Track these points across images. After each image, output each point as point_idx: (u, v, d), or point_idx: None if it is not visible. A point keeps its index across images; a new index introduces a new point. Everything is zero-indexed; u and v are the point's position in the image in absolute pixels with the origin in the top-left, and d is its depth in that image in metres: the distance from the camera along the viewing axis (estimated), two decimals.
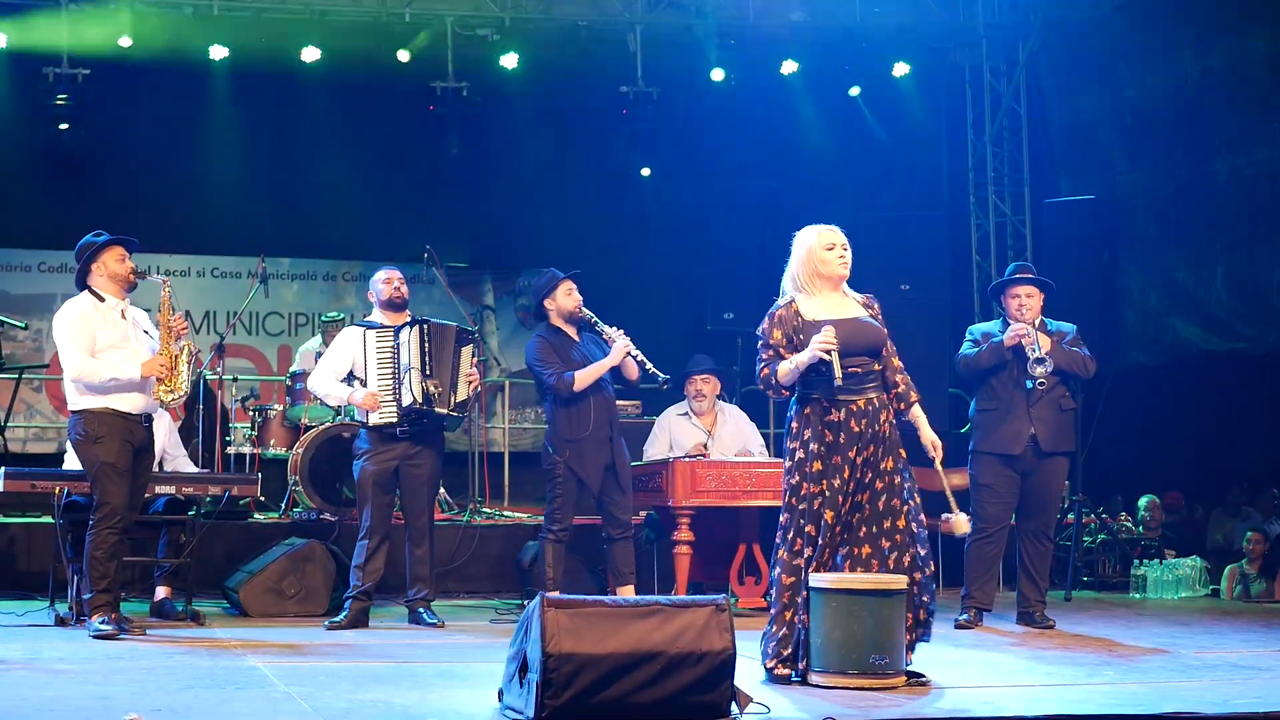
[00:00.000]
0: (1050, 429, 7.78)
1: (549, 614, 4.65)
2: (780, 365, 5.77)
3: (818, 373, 5.71)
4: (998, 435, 7.81)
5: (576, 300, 7.89)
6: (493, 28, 12.13)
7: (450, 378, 7.72)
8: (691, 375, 8.82)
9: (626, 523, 7.92)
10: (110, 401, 6.86)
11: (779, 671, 5.67)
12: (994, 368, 7.82)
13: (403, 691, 5.26)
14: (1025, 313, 7.79)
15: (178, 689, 5.27)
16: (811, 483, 5.73)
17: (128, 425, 6.88)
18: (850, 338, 5.74)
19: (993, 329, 7.95)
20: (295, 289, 13.07)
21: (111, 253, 6.99)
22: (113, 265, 6.98)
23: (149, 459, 7.14)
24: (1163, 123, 11.35)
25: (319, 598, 8.07)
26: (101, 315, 6.94)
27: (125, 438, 6.87)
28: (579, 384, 7.72)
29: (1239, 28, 10.69)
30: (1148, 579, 9.81)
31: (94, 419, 6.84)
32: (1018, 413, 7.77)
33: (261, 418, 10.33)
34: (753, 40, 12.43)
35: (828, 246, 5.84)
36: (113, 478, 6.82)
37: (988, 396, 7.89)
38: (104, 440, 6.82)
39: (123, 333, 6.95)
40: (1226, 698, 5.39)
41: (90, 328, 6.89)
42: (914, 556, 5.78)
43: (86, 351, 6.85)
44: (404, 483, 7.69)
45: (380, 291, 7.89)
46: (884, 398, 5.83)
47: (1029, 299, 7.84)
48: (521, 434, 12.90)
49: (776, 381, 5.81)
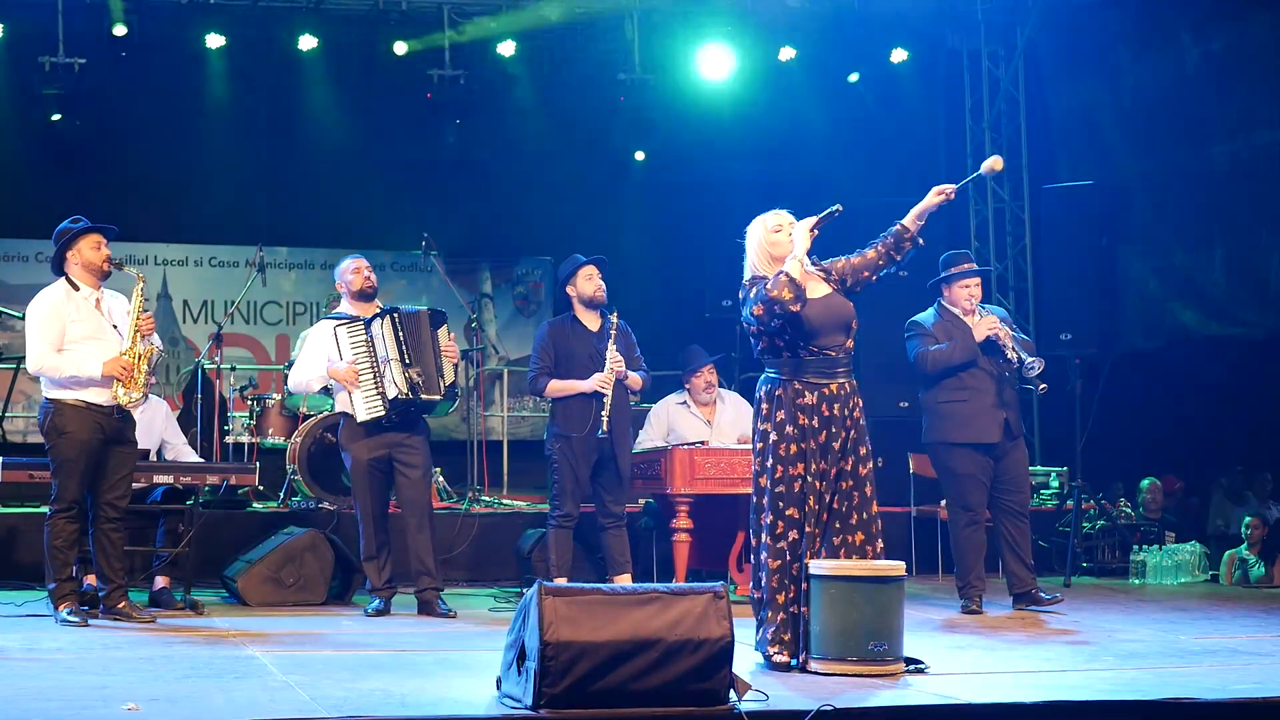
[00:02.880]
0: (1017, 414, 8.05)
1: (547, 602, 4.65)
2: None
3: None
4: (974, 425, 7.88)
5: (597, 285, 7.88)
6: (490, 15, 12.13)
7: (434, 363, 7.65)
8: (699, 369, 8.79)
9: (619, 514, 7.94)
10: (81, 394, 6.79)
11: (778, 658, 5.67)
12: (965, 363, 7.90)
13: (401, 680, 5.26)
14: (973, 301, 7.98)
15: (176, 678, 5.26)
16: (787, 465, 5.76)
17: (96, 418, 6.80)
18: (823, 321, 5.80)
19: (927, 319, 8.04)
20: (293, 278, 13.05)
21: (87, 240, 6.87)
22: (88, 253, 6.86)
23: (127, 449, 6.99)
24: (1162, 108, 11.32)
25: (317, 587, 8.06)
26: (75, 305, 6.84)
27: (93, 432, 6.79)
28: (549, 393, 7.86)
29: (1238, 12, 10.66)
30: (1147, 564, 9.81)
31: (63, 411, 6.78)
32: (993, 402, 7.88)
33: (260, 407, 10.32)
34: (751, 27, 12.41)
35: (775, 229, 5.91)
36: (72, 471, 6.77)
37: (955, 387, 7.93)
38: (68, 434, 6.77)
39: (95, 324, 6.84)
40: (1226, 683, 5.40)
41: (60, 320, 6.79)
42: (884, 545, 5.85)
43: (52, 346, 6.76)
44: (399, 471, 7.64)
45: (350, 282, 7.75)
46: (854, 383, 5.89)
47: (976, 287, 8.06)
48: (520, 422, 12.89)
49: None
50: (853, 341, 5.92)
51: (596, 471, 7.87)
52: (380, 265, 12.58)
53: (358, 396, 7.56)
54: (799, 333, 5.79)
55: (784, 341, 5.83)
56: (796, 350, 5.81)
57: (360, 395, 7.56)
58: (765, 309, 5.73)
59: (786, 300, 5.69)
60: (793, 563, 5.72)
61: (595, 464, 7.84)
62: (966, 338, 7.90)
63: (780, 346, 5.84)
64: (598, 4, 12.10)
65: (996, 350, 7.89)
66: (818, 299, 5.84)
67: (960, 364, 7.89)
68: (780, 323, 5.76)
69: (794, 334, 5.80)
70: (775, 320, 5.75)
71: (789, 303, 5.70)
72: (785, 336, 5.82)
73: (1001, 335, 7.85)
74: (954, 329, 7.93)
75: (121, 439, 6.95)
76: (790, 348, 5.82)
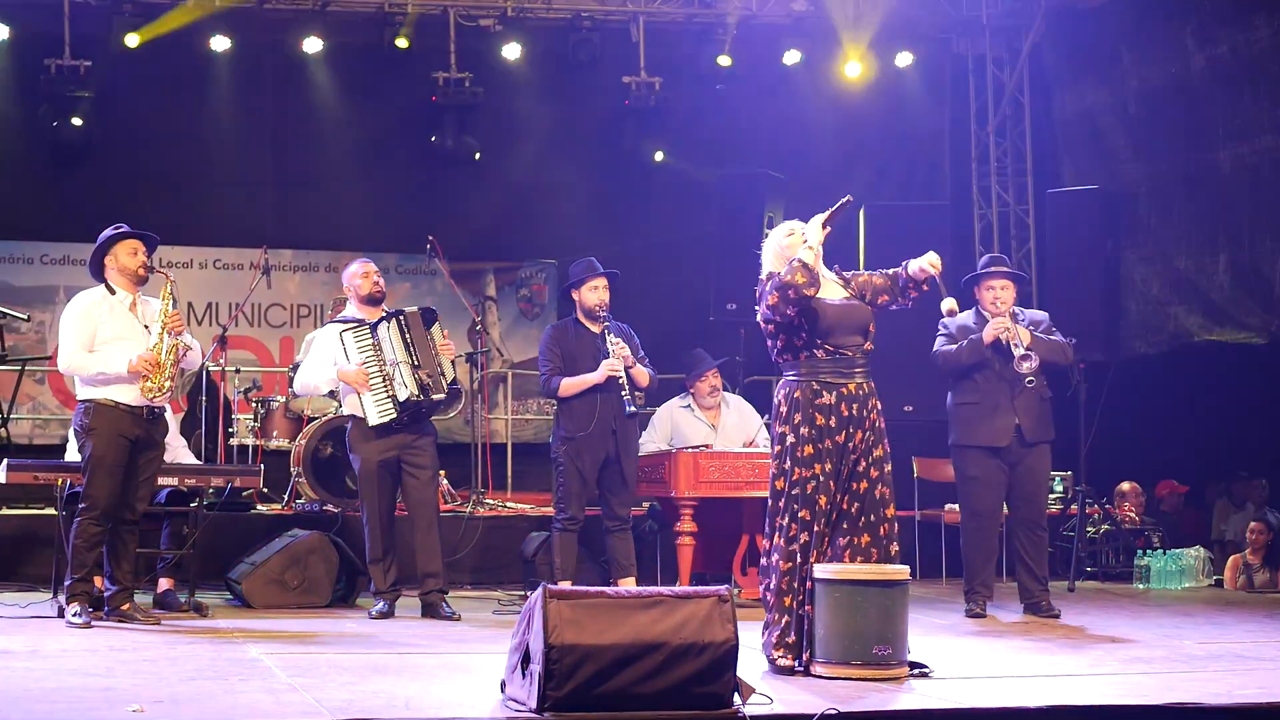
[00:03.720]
0: (1033, 419, 7.85)
1: (551, 605, 4.65)
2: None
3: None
4: (983, 429, 7.84)
5: (598, 299, 7.88)
6: (495, 19, 12.14)
7: (435, 362, 7.67)
8: (704, 374, 8.79)
9: (625, 516, 7.95)
10: (110, 393, 6.90)
11: (782, 662, 5.67)
12: (975, 364, 7.86)
13: (405, 682, 5.26)
14: (1000, 305, 7.86)
15: (180, 680, 5.27)
16: (803, 467, 5.77)
17: (125, 418, 6.89)
18: (840, 320, 5.82)
19: (967, 321, 7.98)
20: (298, 280, 13.03)
21: (124, 246, 7.06)
22: (124, 259, 7.04)
23: (154, 455, 7.07)
24: (1166, 112, 11.31)
25: (321, 589, 8.07)
26: (109, 308, 7.01)
27: (121, 431, 6.89)
28: (562, 391, 7.83)
29: (1243, 16, 10.65)
30: (1151, 569, 9.79)
31: (93, 410, 6.90)
32: (1002, 405, 7.82)
33: (264, 409, 10.32)
34: (756, 30, 12.42)
35: (788, 234, 5.96)
36: (100, 473, 6.86)
37: (969, 390, 7.91)
38: (97, 432, 6.87)
39: (128, 326, 6.99)
40: (1230, 689, 5.39)
41: (92, 322, 6.96)
42: (899, 549, 5.83)
43: (82, 346, 6.92)
44: (407, 472, 7.65)
45: (359, 287, 7.75)
46: (872, 385, 5.88)
47: (1003, 291, 7.91)
48: (524, 425, 12.88)
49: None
50: (871, 344, 5.92)
51: (602, 474, 7.87)
52: (385, 268, 12.51)
53: (368, 400, 7.57)
54: (814, 329, 5.80)
55: (801, 340, 5.82)
56: (813, 349, 5.82)
57: (370, 399, 7.56)
58: (780, 296, 5.73)
59: (801, 284, 5.69)
60: (802, 565, 5.74)
61: (601, 466, 7.85)
62: (978, 340, 7.84)
63: (798, 346, 5.84)
64: (603, 7, 12.12)
65: (1009, 354, 7.81)
66: (834, 301, 5.87)
67: (971, 366, 7.85)
68: (795, 312, 5.74)
69: (810, 331, 5.80)
70: (790, 308, 5.73)
71: (804, 286, 5.69)
72: (802, 333, 5.81)
73: (1011, 337, 7.75)
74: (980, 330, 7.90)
75: (150, 443, 7.04)
76: (807, 346, 5.82)
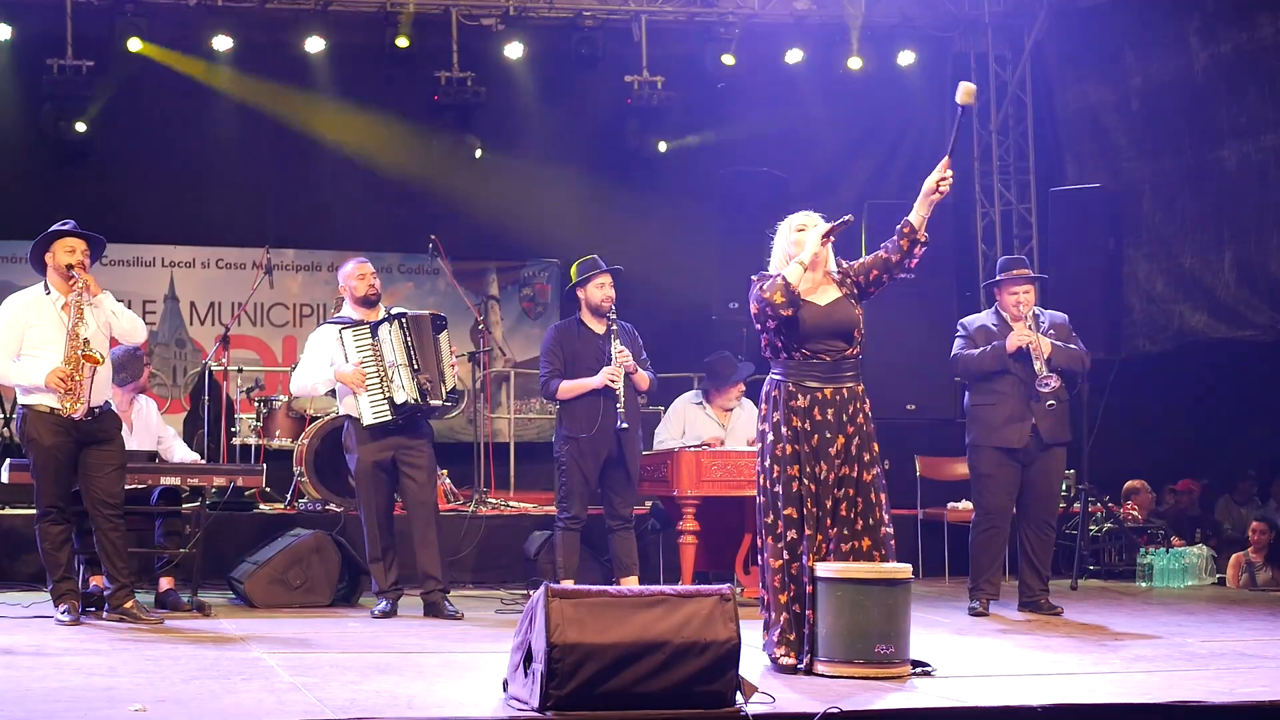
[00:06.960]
0: (1051, 421, 7.84)
1: (554, 604, 4.64)
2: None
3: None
4: (1000, 430, 7.83)
5: (605, 295, 7.87)
6: (497, 18, 12.13)
7: (437, 368, 7.67)
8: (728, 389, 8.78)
9: (627, 515, 7.94)
10: (45, 398, 6.81)
11: (784, 660, 5.66)
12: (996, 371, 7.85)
13: (407, 682, 5.26)
14: (1021, 308, 7.86)
15: (182, 680, 5.27)
16: (784, 465, 5.78)
17: (63, 422, 6.80)
18: (820, 324, 5.83)
19: (985, 321, 7.98)
20: (300, 280, 13.04)
21: (60, 244, 6.88)
22: (60, 256, 6.86)
23: (108, 449, 6.93)
24: (1170, 109, 11.31)
25: (324, 589, 8.07)
26: (38, 310, 6.86)
27: (59, 435, 6.81)
28: (561, 394, 7.83)
29: (1246, 14, 10.65)
30: (1154, 567, 9.78)
31: (30, 417, 6.84)
32: (1021, 408, 7.81)
33: (266, 409, 10.32)
34: (758, 29, 12.41)
35: (799, 228, 5.96)
36: (45, 477, 6.84)
37: (985, 391, 7.91)
38: (35, 441, 6.83)
39: (56, 329, 6.81)
40: (1233, 687, 5.38)
41: (19, 325, 6.84)
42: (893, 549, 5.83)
43: (10, 353, 6.82)
44: (403, 473, 7.64)
45: (354, 288, 7.73)
46: (859, 389, 5.88)
47: (1025, 294, 7.92)
48: (527, 424, 12.88)
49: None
50: (857, 349, 5.91)
51: (605, 473, 7.87)
52: (387, 267, 12.60)
53: (363, 400, 7.55)
54: (793, 335, 5.86)
55: (781, 342, 5.89)
56: (793, 352, 5.87)
57: (366, 399, 7.55)
58: (759, 309, 5.86)
59: (778, 304, 5.77)
60: (792, 562, 5.74)
61: (604, 465, 7.84)
62: (1000, 347, 7.84)
63: (779, 347, 5.91)
64: (605, 6, 12.11)
65: (1030, 360, 7.78)
66: (820, 305, 5.87)
67: (991, 370, 7.87)
68: (775, 324, 5.84)
69: (789, 336, 5.87)
70: (769, 320, 5.84)
71: (780, 306, 5.77)
72: (781, 337, 5.89)
73: (1034, 347, 7.73)
74: (1005, 333, 7.88)
75: (96, 439, 6.91)
76: (788, 348, 5.88)
